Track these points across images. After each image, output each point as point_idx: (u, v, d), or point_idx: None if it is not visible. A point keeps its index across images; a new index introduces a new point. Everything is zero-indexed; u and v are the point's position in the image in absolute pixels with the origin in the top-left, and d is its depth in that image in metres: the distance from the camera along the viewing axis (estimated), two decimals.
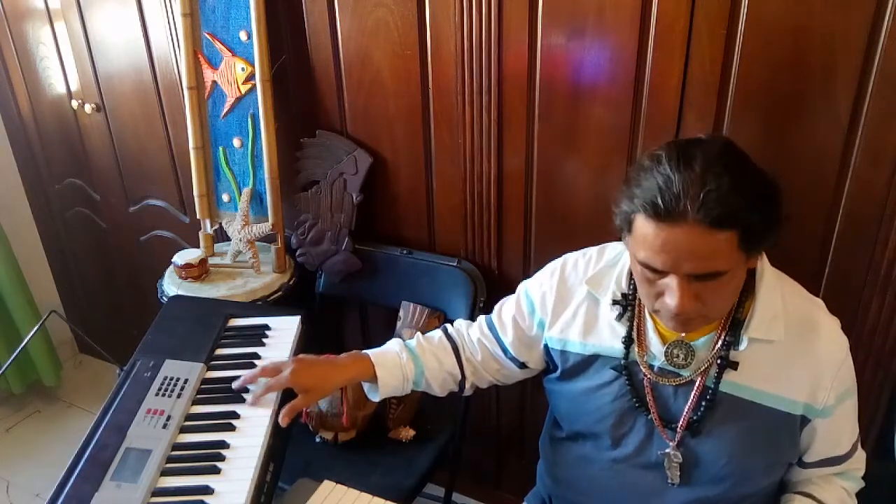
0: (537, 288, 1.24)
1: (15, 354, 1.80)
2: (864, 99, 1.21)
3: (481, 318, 1.32)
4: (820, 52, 1.21)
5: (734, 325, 1.05)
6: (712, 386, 1.06)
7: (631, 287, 1.12)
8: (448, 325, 1.34)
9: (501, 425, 1.98)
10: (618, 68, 1.38)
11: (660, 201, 0.90)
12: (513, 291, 1.30)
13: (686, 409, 1.08)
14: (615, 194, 1.27)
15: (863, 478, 1.19)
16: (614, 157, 1.46)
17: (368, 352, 1.25)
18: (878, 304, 1.36)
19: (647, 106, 1.38)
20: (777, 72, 1.26)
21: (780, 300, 1.05)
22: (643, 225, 0.94)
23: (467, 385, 1.30)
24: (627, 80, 1.38)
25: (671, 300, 0.95)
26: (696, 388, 1.07)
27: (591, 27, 1.37)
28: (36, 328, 1.62)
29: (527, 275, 1.31)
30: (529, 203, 1.62)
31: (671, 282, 0.95)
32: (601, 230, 1.49)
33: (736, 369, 1.05)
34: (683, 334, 1.07)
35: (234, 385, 1.20)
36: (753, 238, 0.93)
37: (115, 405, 1.15)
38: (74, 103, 2.20)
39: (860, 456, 1.17)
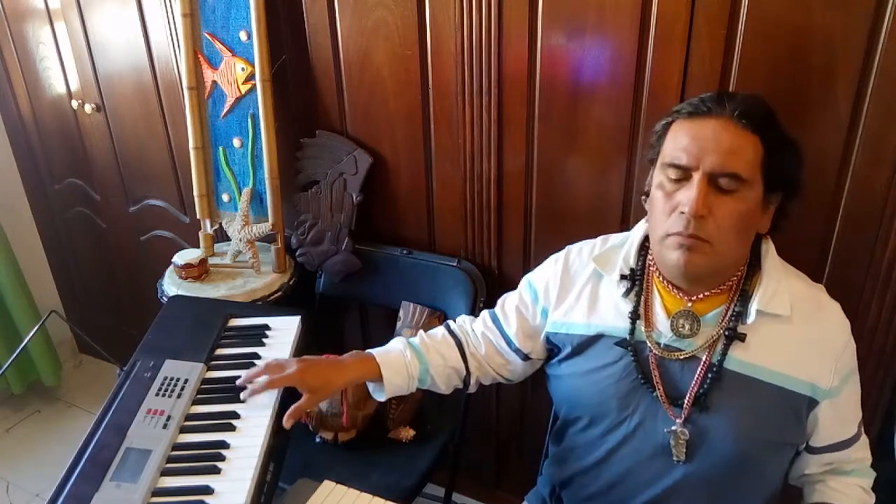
0: (541, 277, 1.25)
1: (15, 354, 1.80)
2: (864, 99, 1.22)
3: (484, 313, 1.33)
4: (820, 52, 1.21)
5: (742, 298, 1.07)
6: (718, 361, 1.07)
7: (639, 263, 1.14)
8: (451, 322, 1.34)
9: (501, 425, 1.98)
10: (618, 68, 1.38)
11: (700, 102, 1.02)
12: (513, 290, 1.30)
13: (692, 384, 1.08)
14: (615, 193, 1.27)
15: None
16: (614, 157, 1.46)
17: (372, 351, 1.25)
18: (878, 304, 1.36)
19: (647, 106, 1.38)
20: (777, 72, 1.26)
21: (784, 280, 1.08)
22: (678, 127, 1.04)
23: (472, 381, 1.30)
24: (627, 80, 1.38)
25: (687, 201, 0.99)
26: (702, 363, 1.08)
27: (591, 27, 1.37)
28: (36, 328, 1.62)
29: (527, 274, 1.31)
30: (529, 203, 1.62)
31: (690, 186, 0.99)
32: (601, 230, 1.48)
33: (743, 341, 1.06)
34: (690, 304, 1.08)
35: (238, 383, 1.19)
36: (776, 163, 1.00)
37: (115, 405, 1.15)
38: (74, 103, 2.21)
39: (865, 442, 1.18)
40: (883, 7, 1.15)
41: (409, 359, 1.24)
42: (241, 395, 1.17)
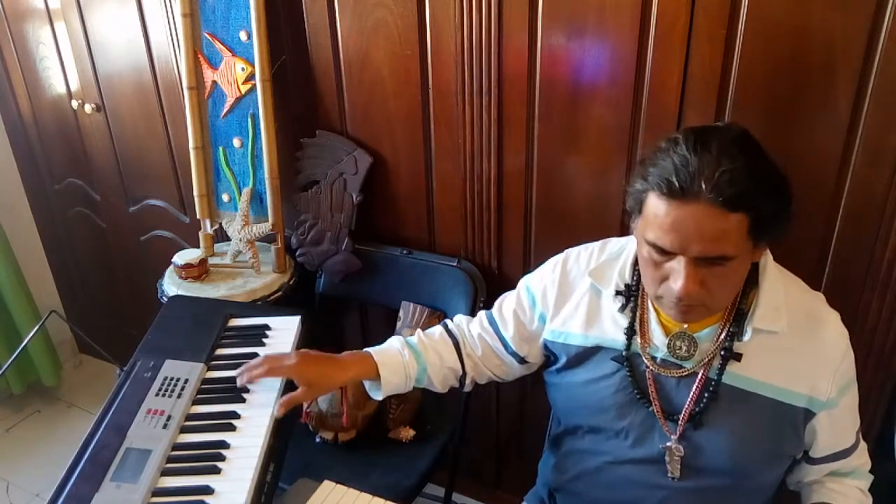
0: (538, 282, 1.24)
1: (15, 354, 1.80)
2: (864, 99, 1.22)
3: (482, 314, 1.32)
4: (820, 52, 1.21)
5: (738, 316, 1.06)
6: (715, 378, 1.06)
7: (634, 278, 1.12)
8: (448, 321, 1.34)
9: (501, 425, 1.98)
10: (618, 68, 1.38)
11: (674, 179, 0.91)
12: (513, 290, 1.30)
13: (688, 401, 1.08)
14: (616, 193, 1.25)
15: None
16: (614, 156, 1.46)
17: (370, 350, 1.25)
18: (878, 304, 1.36)
19: (647, 106, 1.38)
20: (777, 72, 1.26)
21: (783, 293, 1.06)
22: (655, 204, 0.95)
23: (467, 380, 1.30)
24: (627, 80, 1.38)
25: (676, 284, 0.95)
26: (698, 379, 1.07)
27: (591, 27, 1.37)
28: (36, 328, 1.62)
29: (527, 274, 1.31)
30: (529, 203, 1.62)
31: (677, 265, 0.95)
32: (602, 230, 1.49)
33: (739, 360, 1.05)
34: (686, 325, 1.07)
35: (237, 373, 1.19)
36: (763, 226, 0.93)
37: (115, 405, 1.15)
38: (74, 103, 2.20)
39: (864, 448, 1.18)
40: (883, 7, 1.15)
41: (407, 358, 1.24)
42: (238, 381, 1.17)
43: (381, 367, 1.21)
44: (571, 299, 1.19)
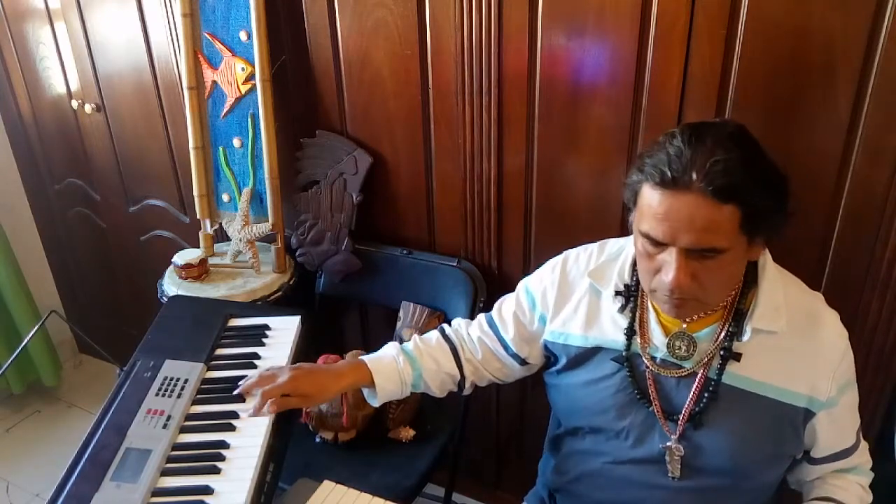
0: (538, 283, 1.24)
1: (15, 354, 1.80)
2: (864, 99, 1.22)
3: (481, 317, 1.32)
4: (820, 52, 1.21)
5: (737, 316, 1.06)
6: (715, 378, 1.06)
7: (633, 278, 1.13)
8: (445, 326, 1.34)
9: (501, 425, 1.98)
10: (618, 68, 1.38)
11: (667, 169, 0.92)
12: (513, 291, 1.30)
13: (688, 401, 1.08)
14: (615, 193, 1.24)
15: None
16: (614, 156, 1.46)
17: (365, 358, 1.25)
18: (878, 304, 1.36)
19: (647, 106, 1.38)
20: (777, 72, 1.26)
21: (782, 293, 1.06)
22: (649, 194, 0.96)
23: (467, 385, 1.30)
24: (627, 80, 1.38)
25: (667, 276, 0.96)
26: (698, 379, 1.07)
27: (591, 27, 1.37)
28: (36, 328, 1.62)
29: (527, 274, 1.31)
30: (529, 203, 1.62)
31: (669, 257, 0.96)
32: (601, 229, 1.49)
33: (739, 360, 1.05)
34: (685, 325, 1.07)
35: (234, 394, 1.20)
36: (756, 220, 0.93)
37: (115, 405, 1.15)
38: (74, 103, 2.20)
39: (865, 447, 1.18)
40: (883, 7, 1.15)
41: (402, 365, 1.24)
42: (245, 415, 1.16)
43: (376, 374, 1.22)
44: (571, 300, 1.19)
